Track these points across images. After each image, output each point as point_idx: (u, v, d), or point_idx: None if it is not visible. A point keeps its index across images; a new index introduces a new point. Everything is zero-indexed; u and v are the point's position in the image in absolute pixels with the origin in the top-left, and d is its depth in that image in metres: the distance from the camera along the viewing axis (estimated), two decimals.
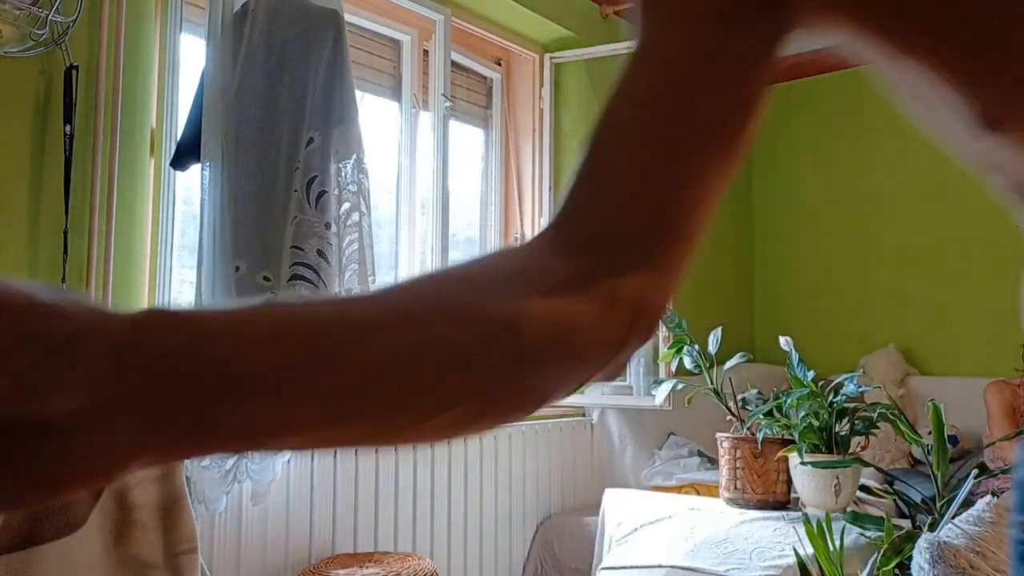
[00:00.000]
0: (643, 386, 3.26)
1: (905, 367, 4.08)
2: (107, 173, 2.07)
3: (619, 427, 3.35)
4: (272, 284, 2.07)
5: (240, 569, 2.17)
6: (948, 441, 2.16)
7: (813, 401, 2.23)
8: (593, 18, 3.68)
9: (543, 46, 3.62)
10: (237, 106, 2.10)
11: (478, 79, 3.56)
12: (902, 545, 1.77)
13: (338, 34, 2.17)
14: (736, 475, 2.40)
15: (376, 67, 3.07)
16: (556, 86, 3.57)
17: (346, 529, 2.43)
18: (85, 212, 2.03)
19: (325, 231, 2.08)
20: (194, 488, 1.99)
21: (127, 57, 2.13)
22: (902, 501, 2.12)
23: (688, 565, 2.04)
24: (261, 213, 2.09)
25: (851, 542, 1.96)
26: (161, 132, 2.22)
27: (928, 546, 1.46)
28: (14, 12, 1.89)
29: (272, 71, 2.14)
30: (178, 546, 1.70)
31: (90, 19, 2.05)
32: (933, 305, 4.08)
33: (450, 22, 3.11)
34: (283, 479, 2.26)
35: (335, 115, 2.13)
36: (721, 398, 2.51)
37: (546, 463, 3.18)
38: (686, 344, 2.56)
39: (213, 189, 2.10)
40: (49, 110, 1.99)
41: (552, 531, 3.07)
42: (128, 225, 2.13)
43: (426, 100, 3.14)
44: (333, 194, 2.11)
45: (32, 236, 1.94)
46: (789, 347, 2.40)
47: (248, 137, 2.10)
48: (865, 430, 2.25)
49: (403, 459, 2.61)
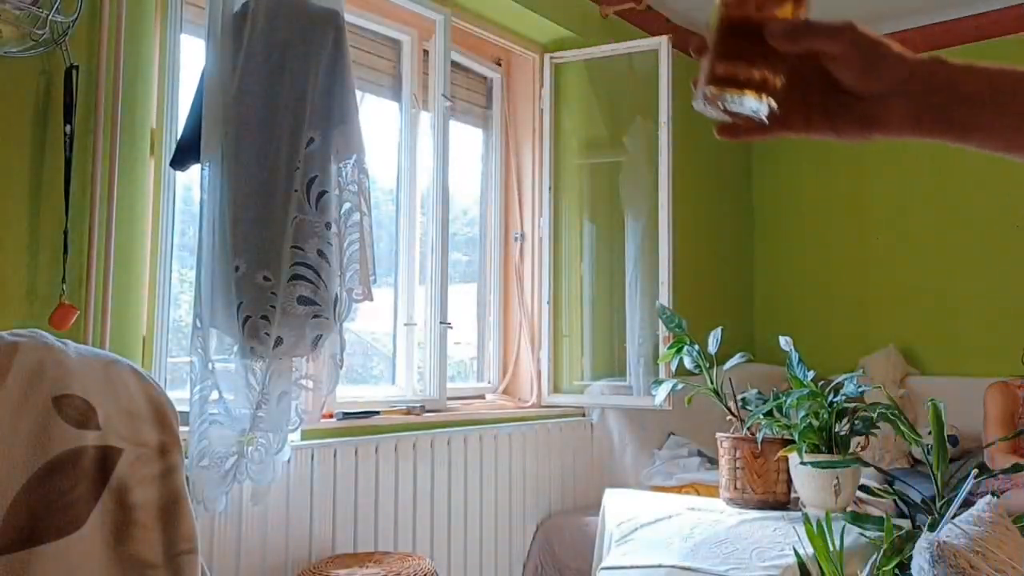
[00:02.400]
0: (643, 386, 3.26)
1: (905, 367, 4.08)
2: (107, 173, 2.07)
3: (619, 427, 3.35)
4: (272, 284, 2.07)
5: (240, 569, 2.17)
6: (948, 441, 2.16)
7: (813, 401, 2.23)
8: (593, 18, 3.68)
9: (543, 46, 3.62)
10: (237, 106, 2.10)
11: (478, 79, 3.56)
12: (902, 545, 1.77)
13: (338, 34, 2.17)
14: (736, 475, 2.40)
15: (376, 67, 3.07)
16: (556, 86, 3.57)
17: (346, 529, 2.43)
18: (85, 212, 2.03)
19: (325, 231, 2.08)
20: (194, 488, 1.99)
21: (127, 57, 2.13)
22: (902, 501, 2.11)
23: (688, 565, 2.04)
24: (261, 213, 2.09)
25: (851, 542, 1.96)
26: (161, 132, 2.22)
27: (928, 546, 1.46)
28: (14, 12, 1.89)
29: (272, 71, 2.14)
30: (178, 546, 1.70)
31: (90, 19, 2.05)
32: (933, 305, 4.08)
33: (450, 22, 3.11)
34: (283, 479, 2.26)
35: (335, 115, 2.12)
36: (721, 398, 2.51)
37: (546, 463, 3.18)
38: (686, 344, 2.56)
39: (213, 189, 2.10)
40: (49, 110, 1.99)
41: (552, 531, 3.07)
42: (128, 225, 2.13)
43: (426, 100, 3.14)
44: (333, 194, 2.11)
45: (32, 236, 1.94)
46: (789, 347, 2.40)
47: (248, 137, 2.10)
48: (865, 430, 2.25)
49: (403, 459, 2.61)
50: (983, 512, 1.61)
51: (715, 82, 0.63)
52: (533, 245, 3.53)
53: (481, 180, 3.58)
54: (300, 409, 2.15)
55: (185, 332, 2.41)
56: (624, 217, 3.45)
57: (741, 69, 0.62)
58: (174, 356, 2.35)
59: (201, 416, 2.04)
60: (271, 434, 2.09)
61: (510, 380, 3.50)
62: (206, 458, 2.03)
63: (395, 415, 2.74)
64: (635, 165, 3.44)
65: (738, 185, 4.68)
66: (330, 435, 2.45)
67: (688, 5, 4.03)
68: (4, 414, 1.56)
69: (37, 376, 1.63)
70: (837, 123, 0.64)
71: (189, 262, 2.43)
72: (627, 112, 3.50)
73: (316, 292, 2.07)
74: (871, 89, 0.61)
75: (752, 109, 0.63)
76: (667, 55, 3.29)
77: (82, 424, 1.64)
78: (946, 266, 4.08)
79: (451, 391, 3.12)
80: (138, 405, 1.76)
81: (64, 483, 1.59)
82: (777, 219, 4.66)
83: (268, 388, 2.08)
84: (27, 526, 1.53)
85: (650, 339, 3.31)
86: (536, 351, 3.46)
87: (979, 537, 1.51)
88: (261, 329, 2.05)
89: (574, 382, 3.47)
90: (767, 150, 4.74)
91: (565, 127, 3.58)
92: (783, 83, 0.62)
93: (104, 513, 1.63)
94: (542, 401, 3.40)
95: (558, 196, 3.54)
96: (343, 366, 2.15)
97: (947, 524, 1.59)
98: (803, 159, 4.57)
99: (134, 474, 1.69)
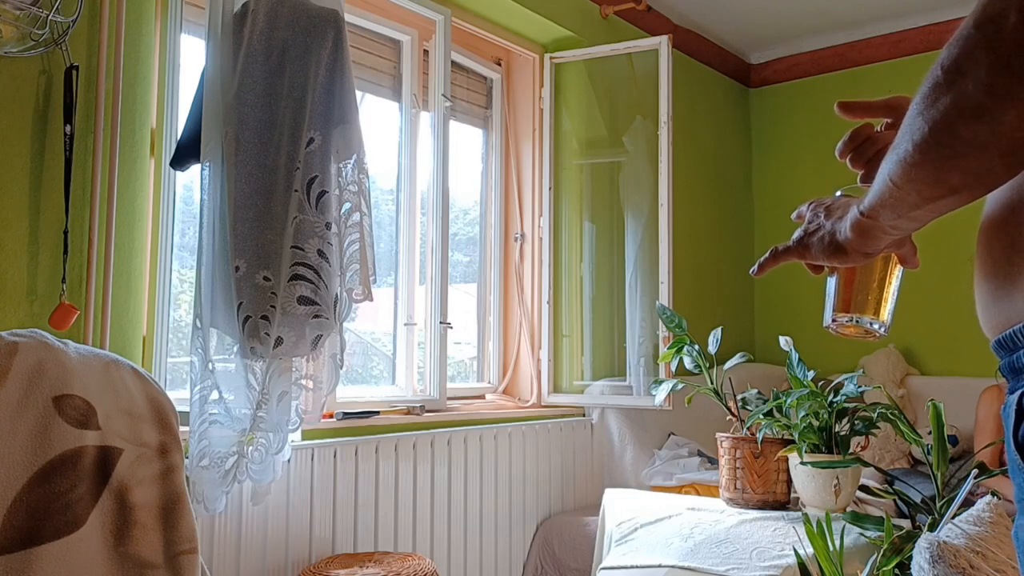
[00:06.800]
0: (643, 386, 3.26)
1: (905, 367, 4.08)
2: (107, 173, 2.07)
3: (619, 427, 3.35)
4: (272, 284, 2.07)
5: (240, 569, 2.17)
6: (948, 441, 2.16)
7: (813, 401, 2.23)
8: (593, 18, 3.68)
9: (543, 46, 3.62)
10: (237, 106, 2.10)
11: (478, 79, 3.56)
12: (902, 545, 1.77)
13: (338, 34, 2.17)
14: (736, 475, 2.40)
15: (376, 67, 3.07)
16: (556, 86, 3.57)
17: (346, 529, 2.43)
18: (85, 212, 2.03)
19: (326, 231, 2.08)
20: (194, 488, 1.99)
21: (127, 57, 2.13)
22: (902, 501, 2.11)
23: (688, 565, 2.04)
24: (261, 213, 2.09)
25: (851, 542, 1.96)
26: (161, 132, 2.22)
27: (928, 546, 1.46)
28: (14, 12, 1.89)
29: (272, 71, 2.14)
30: (178, 546, 1.70)
31: (90, 19, 2.05)
32: (933, 305, 4.08)
33: (450, 22, 3.11)
34: (283, 479, 2.26)
35: (335, 115, 2.12)
36: (721, 398, 2.51)
37: (546, 463, 3.18)
38: (686, 344, 2.56)
39: (213, 189, 2.10)
40: (49, 110, 1.99)
41: (552, 531, 3.07)
42: (128, 225, 2.13)
43: (426, 100, 3.14)
44: (334, 194, 2.11)
45: (32, 236, 1.94)
46: (789, 347, 2.40)
47: (248, 137, 2.10)
48: (865, 430, 2.25)
49: (403, 459, 2.61)
50: (983, 512, 1.61)
51: (847, 310, 0.90)
52: (533, 245, 3.53)
53: (481, 180, 3.58)
54: (300, 409, 2.15)
55: (185, 332, 2.41)
56: (624, 217, 3.46)
57: (870, 301, 0.89)
58: (174, 356, 2.35)
59: (201, 416, 2.04)
60: (271, 434, 2.09)
61: (510, 380, 3.50)
62: (206, 458, 2.03)
63: (395, 415, 2.74)
64: (635, 165, 3.45)
65: (738, 185, 4.68)
66: (330, 435, 2.45)
67: (688, 5, 4.04)
68: (4, 414, 1.56)
69: (37, 376, 1.63)
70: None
71: (189, 262, 2.43)
72: (627, 112, 3.50)
73: (316, 292, 2.07)
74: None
75: (873, 327, 0.89)
76: (667, 55, 3.29)
77: (82, 424, 1.64)
78: (946, 266, 4.08)
79: (451, 391, 3.12)
80: (138, 405, 1.76)
81: (64, 483, 1.59)
82: (777, 219, 4.66)
83: (268, 388, 2.08)
84: (27, 526, 1.53)
85: (650, 339, 3.31)
86: (536, 351, 3.46)
87: (979, 537, 1.51)
88: (261, 329, 2.05)
89: (574, 382, 3.47)
90: (767, 150, 4.74)
91: (565, 127, 3.58)
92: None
93: (104, 513, 1.63)
94: (542, 401, 3.40)
95: (558, 196, 3.54)
96: (343, 366, 2.15)
97: (947, 524, 1.59)
98: (803, 159, 4.57)
99: (134, 474, 1.69)
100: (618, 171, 3.53)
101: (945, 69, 0.57)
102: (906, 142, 0.62)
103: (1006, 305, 0.67)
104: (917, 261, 0.88)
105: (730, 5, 4.07)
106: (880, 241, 0.75)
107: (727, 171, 4.58)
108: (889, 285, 0.89)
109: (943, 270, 4.08)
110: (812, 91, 4.60)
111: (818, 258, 0.82)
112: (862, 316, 0.89)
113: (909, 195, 0.65)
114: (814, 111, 4.57)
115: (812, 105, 4.59)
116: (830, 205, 0.82)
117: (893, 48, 4.31)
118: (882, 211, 0.70)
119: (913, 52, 4.24)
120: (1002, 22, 0.53)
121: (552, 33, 3.54)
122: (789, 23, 4.30)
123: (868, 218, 0.72)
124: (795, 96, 4.66)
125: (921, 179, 0.62)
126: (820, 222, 0.81)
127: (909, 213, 0.67)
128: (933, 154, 0.60)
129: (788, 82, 4.69)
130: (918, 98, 0.60)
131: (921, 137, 0.60)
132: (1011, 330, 0.66)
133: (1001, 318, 0.68)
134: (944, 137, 0.58)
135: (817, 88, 4.58)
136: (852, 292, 0.90)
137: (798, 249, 0.84)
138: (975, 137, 0.56)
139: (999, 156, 0.57)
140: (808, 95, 4.61)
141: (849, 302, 0.90)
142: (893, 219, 0.70)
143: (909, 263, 0.88)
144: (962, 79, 0.55)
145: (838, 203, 0.82)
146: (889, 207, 0.68)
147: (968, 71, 0.55)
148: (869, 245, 0.76)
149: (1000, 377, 2.98)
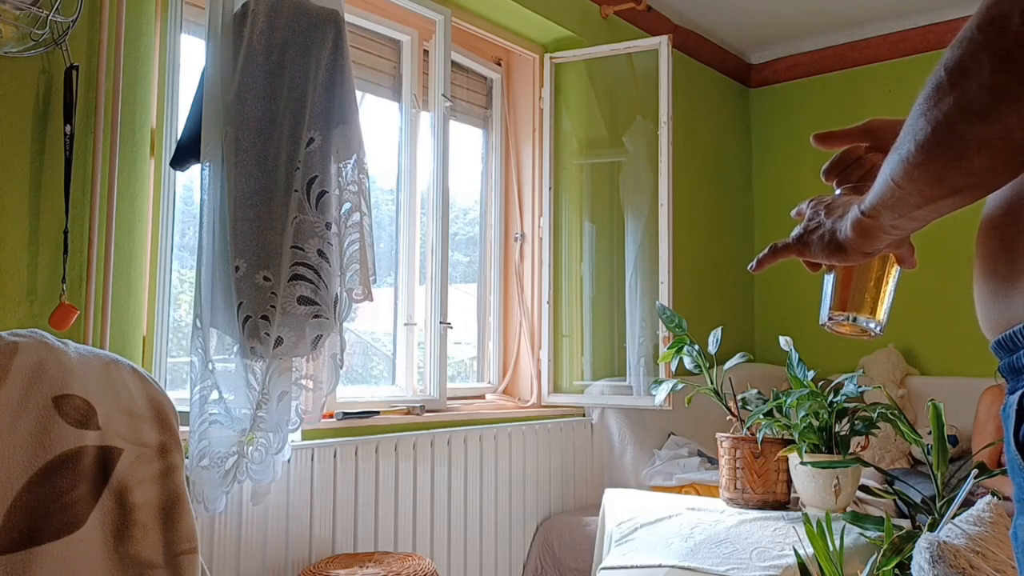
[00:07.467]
0: (643, 386, 3.26)
1: (905, 367, 4.08)
2: (107, 173, 2.07)
3: (619, 427, 3.35)
4: (272, 284, 2.07)
5: (240, 569, 2.17)
6: (948, 441, 2.16)
7: (813, 401, 2.23)
8: (593, 18, 3.68)
9: (543, 46, 3.62)
10: (237, 106, 2.10)
11: (478, 79, 3.56)
12: (902, 545, 1.77)
13: (338, 34, 2.17)
14: (736, 475, 2.40)
15: (376, 67, 3.07)
16: (556, 86, 3.57)
17: (346, 529, 2.43)
18: (85, 212, 2.03)
19: (326, 231, 2.08)
20: (194, 488, 1.99)
21: (127, 57, 2.13)
22: (902, 501, 2.11)
23: (688, 565, 2.04)
24: (261, 213, 2.09)
25: (851, 542, 1.96)
26: (161, 132, 2.22)
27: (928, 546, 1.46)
28: (14, 12, 1.89)
29: (272, 71, 2.14)
30: (178, 546, 1.70)
31: (90, 19, 2.05)
32: (933, 305, 4.08)
33: (450, 22, 3.11)
34: (283, 479, 2.26)
35: (335, 115, 2.12)
36: (721, 398, 2.51)
37: (546, 463, 3.18)
38: (686, 344, 2.56)
39: (213, 189, 2.10)
40: (49, 110, 1.99)
41: (552, 531, 3.07)
42: (128, 225, 2.13)
43: (426, 100, 3.14)
44: (334, 194, 2.11)
45: (32, 236, 1.94)
46: (789, 347, 2.40)
47: (248, 137, 2.10)
48: (865, 430, 2.25)
49: (403, 459, 2.61)
50: (983, 512, 1.61)
51: (843, 308, 0.90)
52: (533, 245, 3.53)
53: (481, 180, 3.58)
54: (300, 409, 2.15)
55: (185, 332, 2.41)
56: (624, 217, 3.46)
57: (866, 300, 0.89)
58: (174, 356, 2.35)
59: (201, 416, 2.04)
60: (271, 434, 2.09)
61: (510, 380, 3.50)
62: (206, 458, 2.03)
63: (395, 415, 2.74)
64: (635, 165, 3.45)
65: (738, 185, 4.68)
66: (330, 435, 2.45)
67: (688, 5, 4.04)
68: (4, 414, 1.56)
69: (37, 376, 1.63)
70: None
71: (189, 262, 2.43)
72: (627, 112, 3.50)
73: (316, 292, 2.07)
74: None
75: (870, 326, 0.89)
76: (667, 55, 3.29)
77: (82, 424, 1.64)
78: (946, 266, 4.08)
79: (451, 391, 3.12)
80: (138, 405, 1.76)
81: (64, 483, 1.59)
82: (777, 219, 4.66)
83: (268, 388, 2.08)
84: (27, 526, 1.53)
85: (650, 339, 3.31)
86: (536, 351, 3.46)
87: (979, 537, 1.51)
88: (261, 329, 2.05)
89: (574, 382, 3.47)
90: (767, 150, 4.74)
91: (565, 127, 3.58)
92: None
93: (104, 513, 1.63)
94: (542, 401, 3.40)
95: (558, 196, 3.54)
96: (343, 366, 2.15)
97: (947, 524, 1.59)
98: (803, 159, 4.57)
99: (134, 474, 1.69)
100: (618, 171, 3.53)
101: (948, 70, 0.57)
102: (908, 142, 0.62)
103: (1006, 306, 0.67)
104: (915, 261, 0.88)
105: (730, 5, 4.07)
106: (880, 241, 0.75)
107: (727, 171, 4.58)
108: (886, 284, 0.89)
109: (943, 270, 4.08)
110: (812, 91, 4.60)
111: (817, 256, 0.82)
112: (858, 315, 0.89)
113: (911, 195, 0.65)
114: (814, 111, 4.57)
115: (812, 105, 4.59)
116: (830, 203, 0.82)
117: (893, 48, 4.31)
118: (883, 211, 0.70)
119: (913, 52, 4.24)
120: (1005, 24, 0.53)
121: (552, 33, 3.54)
122: (789, 23, 4.30)
123: (869, 217, 0.72)
124: (795, 96, 4.67)
125: (923, 179, 0.62)
126: (820, 220, 0.81)
127: (910, 213, 0.67)
128: (935, 154, 0.60)
129: (788, 82, 4.69)
130: (921, 99, 0.60)
131: (924, 137, 0.60)
132: (1011, 330, 0.66)
133: (1001, 319, 0.68)
134: (947, 137, 0.58)
135: (817, 88, 4.58)
136: (849, 290, 0.90)
137: (797, 246, 0.84)
138: (978, 138, 0.56)
139: (1001, 157, 0.57)
140: (808, 95, 4.61)
141: (846, 300, 0.90)
142: (894, 219, 0.70)
143: (907, 263, 0.88)
144: (965, 80, 0.55)
145: (838, 201, 0.81)
146: (890, 207, 0.68)
147: (971, 72, 0.55)
148: (869, 245, 0.76)
149: (1000, 377, 2.97)
